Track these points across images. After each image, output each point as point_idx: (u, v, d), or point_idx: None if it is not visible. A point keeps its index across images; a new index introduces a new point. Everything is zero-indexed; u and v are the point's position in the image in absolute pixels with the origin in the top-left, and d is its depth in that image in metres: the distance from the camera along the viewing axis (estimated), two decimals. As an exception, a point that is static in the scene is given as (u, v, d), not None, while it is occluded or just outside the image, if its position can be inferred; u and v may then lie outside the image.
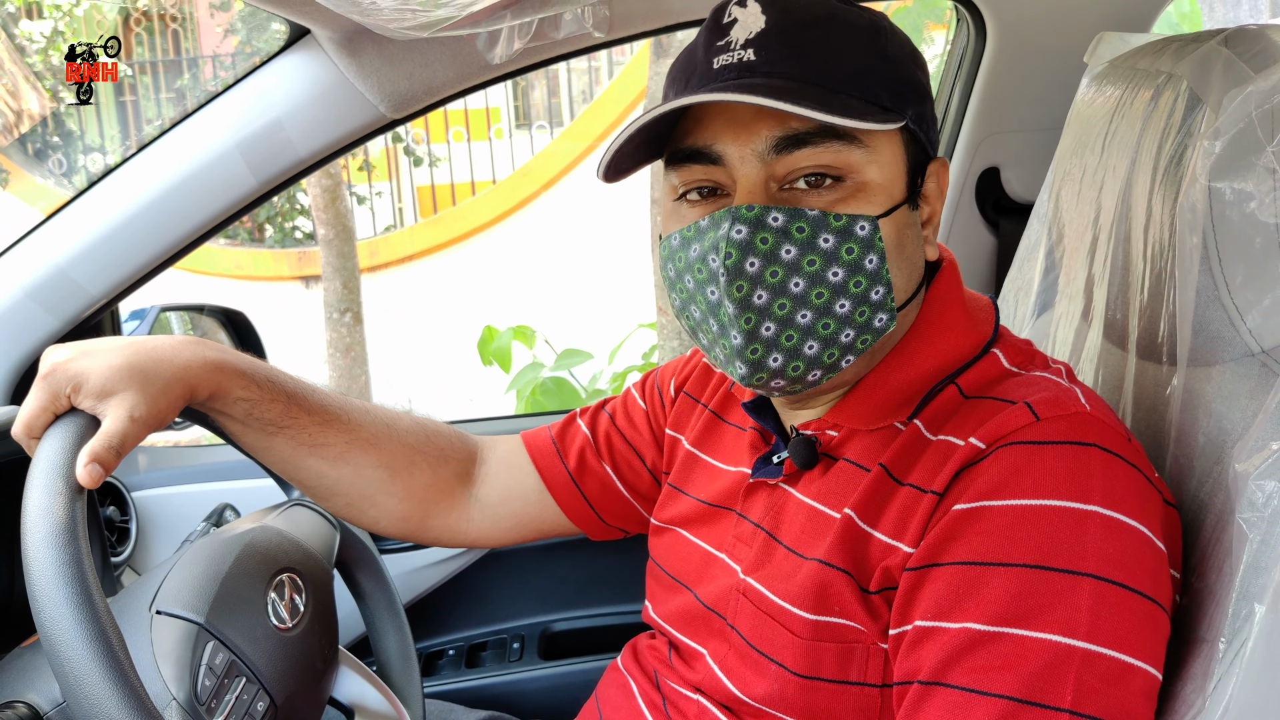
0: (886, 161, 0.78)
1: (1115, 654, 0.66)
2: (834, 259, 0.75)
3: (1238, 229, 0.77)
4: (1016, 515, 0.70)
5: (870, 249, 0.76)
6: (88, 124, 7.17)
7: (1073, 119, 1.07)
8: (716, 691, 0.86)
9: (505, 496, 1.09)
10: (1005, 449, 0.72)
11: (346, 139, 1.33)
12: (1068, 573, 0.67)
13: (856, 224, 0.75)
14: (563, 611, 1.67)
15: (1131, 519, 0.69)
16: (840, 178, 0.76)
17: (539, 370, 2.92)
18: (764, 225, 0.74)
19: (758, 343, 0.76)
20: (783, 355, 0.77)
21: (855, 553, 0.77)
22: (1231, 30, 0.85)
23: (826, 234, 0.75)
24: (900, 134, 0.80)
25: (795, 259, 0.75)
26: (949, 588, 0.70)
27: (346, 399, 1.04)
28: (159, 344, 0.89)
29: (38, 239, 1.32)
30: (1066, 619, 0.66)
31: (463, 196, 7.00)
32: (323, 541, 1.04)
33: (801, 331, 0.76)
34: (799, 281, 0.75)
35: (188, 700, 0.79)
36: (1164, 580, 0.71)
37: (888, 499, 0.77)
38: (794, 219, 0.74)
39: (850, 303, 0.76)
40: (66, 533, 0.72)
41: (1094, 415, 0.74)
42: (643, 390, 1.10)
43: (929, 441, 0.78)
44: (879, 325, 0.78)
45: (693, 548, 0.94)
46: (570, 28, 1.25)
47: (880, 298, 0.77)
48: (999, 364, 0.81)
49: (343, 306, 5.12)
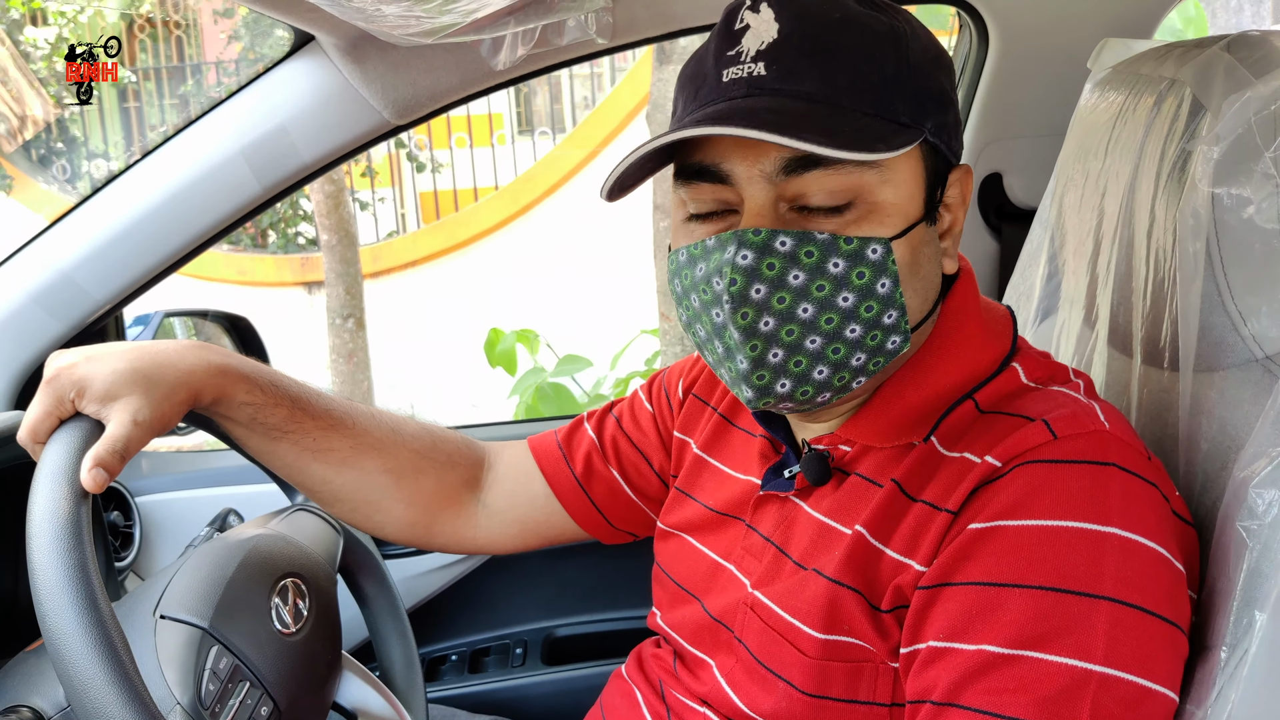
0: (902, 180, 0.75)
1: (1133, 678, 0.65)
2: (844, 284, 0.72)
3: (1239, 234, 0.77)
4: (1034, 536, 0.69)
5: (883, 272, 0.73)
6: (91, 130, 7.18)
7: (1075, 125, 1.07)
8: (722, 705, 0.85)
9: (512, 502, 1.09)
10: (1022, 468, 0.71)
11: (351, 145, 1.33)
12: (1085, 596, 0.66)
13: (868, 247, 0.72)
14: (566, 617, 1.67)
15: (1150, 540, 0.68)
16: (852, 200, 0.73)
17: (540, 376, 2.93)
18: (771, 250, 0.72)
19: (764, 369, 0.74)
20: (791, 380, 0.75)
21: (866, 571, 0.76)
22: (1234, 36, 0.85)
23: (837, 258, 0.72)
24: (920, 148, 0.76)
25: (804, 284, 0.72)
26: (964, 608, 0.69)
27: (352, 404, 1.04)
28: (163, 348, 0.89)
29: (43, 244, 1.33)
30: (1083, 643, 0.66)
31: (465, 202, 7.00)
32: (326, 546, 1.05)
33: (810, 357, 0.74)
34: (807, 307, 0.72)
35: (192, 705, 0.79)
36: (1182, 601, 0.70)
37: (900, 516, 0.76)
38: (802, 243, 0.72)
39: (862, 327, 0.74)
40: (71, 537, 0.72)
41: (1113, 434, 0.73)
42: (649, 393, 1.09)
43: (944, 458, 0.76)
44: (891, 348, 0.76)
45: (700, 556, 0.93)
46: (574, 34, 1.25)
47: (893, 321, 0.75)
48: (1017, 379, 0.79)
49: (345, 312, 5.12)
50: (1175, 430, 0.84)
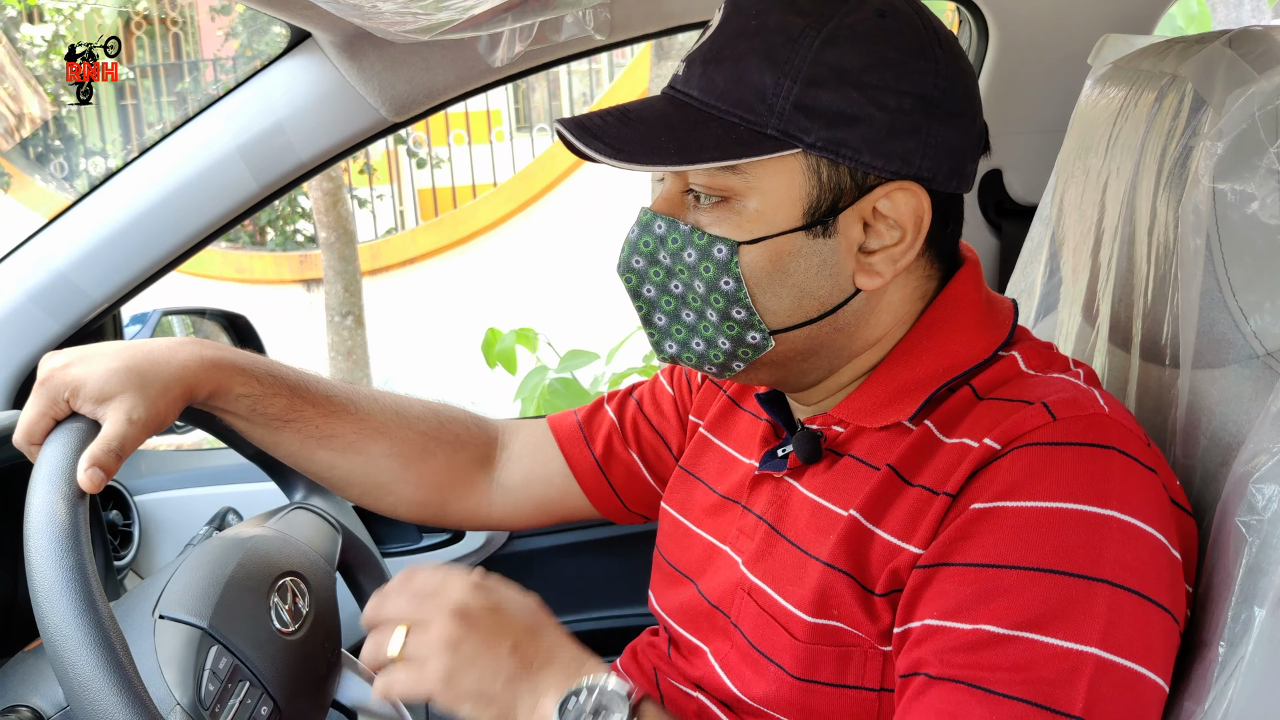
0: (771, 189, 0.76)
1: (1129, 663, 0.66)
2: (696, 273, 0.79)
3: (1241, 231, 0.77)
4: (1033, 518, 0.69)
5: (726, 271, 0.78)
6: (89, 128, 7.17)
7: (1076, 121, 1.07)
8: (717, 690, 0.85)
9: (528, 480, 1.09)
10: (1022, 450, 0.71)
11: (348, 142, 1.33)
12: (1084, 578, 0.67)
13: (714, 246, 0.78)
14: (563, 615, 1.65)
15: (1149, 526, 0.69)
16: (726, 198, 0.77)
17: (545, 374, 2.91)
18: (649, 230, 0.81)
19: (653, 329, 0.83)
20: (675, 345, 0.83)
21: (859, 554, 0.77)
22: (1236, 31, 0.85)
23: (690, 249, 0.79)
24: (806, 160, 0.76)
25: (669, 264, 0.80)
26: (961, 588, 0.70)
27: (355, 388, 1.04)
28: (156, 346, 0.89)
29: (40, 243, 1.32)
30: (1081, 625, 0.66)
31: (463, 199, 7.00)
32: (325, 545, 1.04)
33: (687, 328, 0.82)
34: (677, 285, 0.81)
35: (191, 705, 0.79)
36: (1179, 591, 0.70)
37: (895, 499, 0.76)
38: (670, 229, 0.79)
39: (716, 315, 0.80)
40: (69, 538, 0.72)
41: (1113, 418, 0.73)
42: (671, 376, 1.09)
43: (941, 444, 0.76)
44: (752, 342, 0.80)
45: (695, 538, 0.94)
46: (571, 30, 1.25)
47: (743, 318, 0.79)
48: (1015, 366, 0.80)
49: (344, 310, 5.12)
50: (1175, 426, 0.84)
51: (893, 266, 0.79)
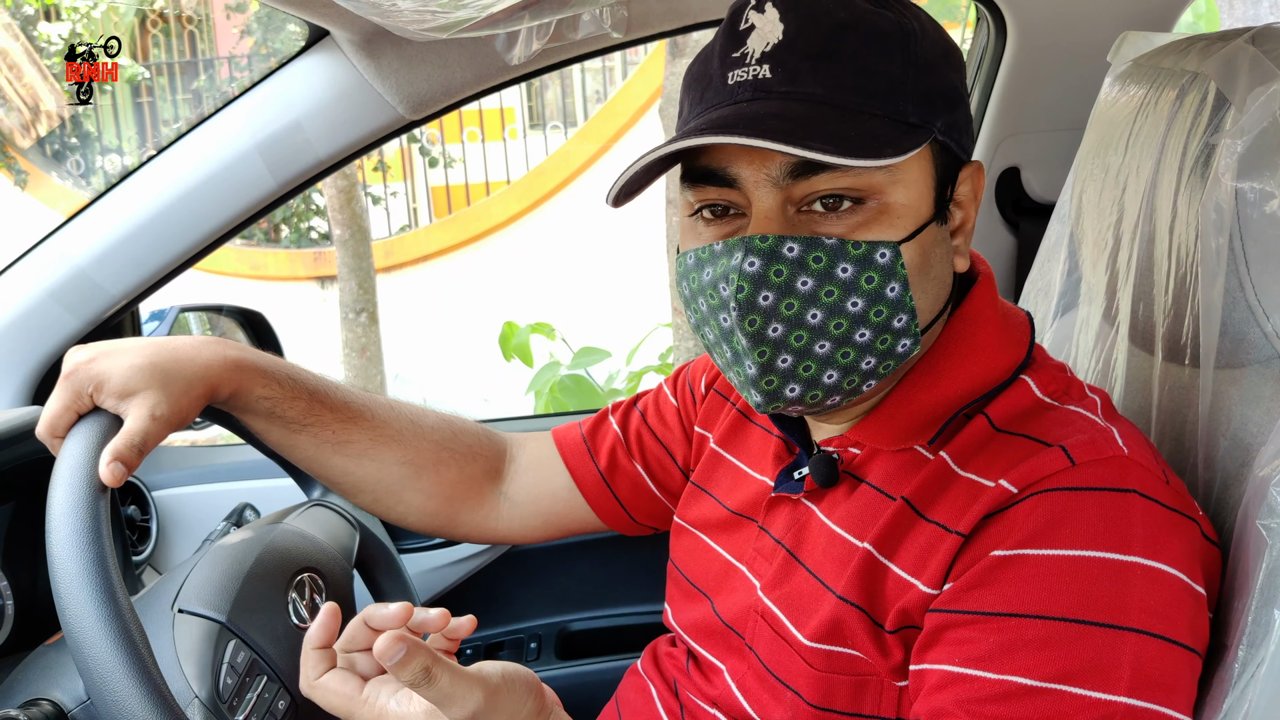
0: (913, 180, 0.74)
1: (1156, 707, 0.65)
2: (853, 289, 0.71)
3: (1263, 229, 0.76)
4: (1056, 566, 0.68)
5: (892, 276, 0.72)
6: (105, 125, 7.22)
7: (1095, 119, 1.06)
8: (734, 710, 0.85)
9: (535, 495, 1.09)
10: (1041, 495, 0.70)
11: (365, 140, 1.33)
12: (1111, 628, 0.66)
13: (877, 251, 0.71)
14: (580, 611, 1.67)
15: (1172, 568, 0.68)
16: (861, 199, 0.72)
17: (557, 369, 2.92)
18: (778, 256, 0.71)
19: (773, 374, 0.73)
20: (800, 385, 0.74)
21: (871, 588, 0.76)
22: (1259, 28, 0.84)
23: (845, 263, 0.71)
24: (929, 147, 0.75)
25: (812, 290, 0.71)
26: (986, 636, 0.69)
27: (371, 396, 1.04)
28: (180, 344, 0.90)
29: (59, 240, 1.33)
30: (1109, 675, 0.65)
31: (477, 197, 7.01)
32: (342, 542, 1.05)
33: (820, 362, 0.73)
34: (816, 313, 0.71)
35: (210, 698, 0.79)
36: (1201, 626, 0.70)
37: (908, 533, 0.75)
38: (810, 249, 0.71)
39: (871, 331, 0.73)
40: (90, 531, 0.73)
41: (1132, 459, 0.72)
42: (674, 386, 1.09)
43: (956, 476, 0.75)
44: (901, 351, 0.75)
45: (713, 555, 0.93)
46: (588, 28, 1.25)
47: (903, 325, 0.74)
48: (1031, 393, 0.78)
49: (358, 306, 5.14)
50: (1195, 427, 0.84)
51: (968, 246, 0.81)
